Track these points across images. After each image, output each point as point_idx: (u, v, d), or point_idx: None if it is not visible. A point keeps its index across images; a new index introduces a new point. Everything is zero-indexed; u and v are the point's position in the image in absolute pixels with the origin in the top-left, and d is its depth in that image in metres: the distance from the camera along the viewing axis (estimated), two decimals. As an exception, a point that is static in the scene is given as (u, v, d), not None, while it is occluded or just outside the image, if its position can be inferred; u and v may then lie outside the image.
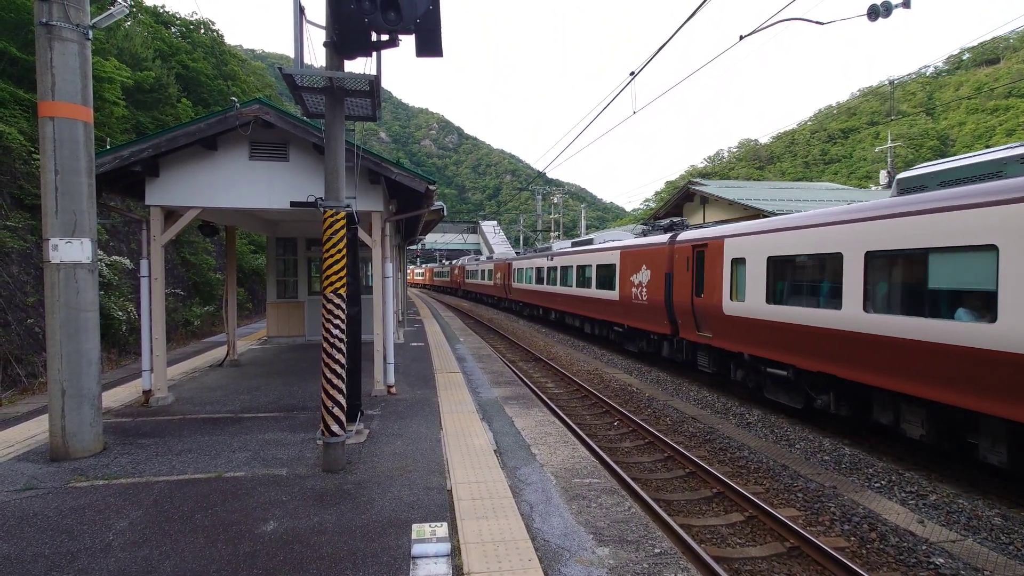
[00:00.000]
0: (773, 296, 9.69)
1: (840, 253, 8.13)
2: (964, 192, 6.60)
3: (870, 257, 7.71)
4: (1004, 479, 6.93)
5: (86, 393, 5.96)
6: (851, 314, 7.86)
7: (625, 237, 18.86)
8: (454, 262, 57.18)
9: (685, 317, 12.71)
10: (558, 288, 22.48)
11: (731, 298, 10.83)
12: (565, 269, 21.72)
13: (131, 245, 17.40)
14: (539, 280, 25.60)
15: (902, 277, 7.43)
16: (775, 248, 9.70)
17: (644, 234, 16.50)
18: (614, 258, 16.90)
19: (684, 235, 13.34)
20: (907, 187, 7.85)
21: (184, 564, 3.86)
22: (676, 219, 16.13)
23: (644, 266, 14.84)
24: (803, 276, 9.25)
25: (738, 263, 10.76)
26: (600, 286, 18.05)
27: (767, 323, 9.69)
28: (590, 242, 20.56)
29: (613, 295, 16.82)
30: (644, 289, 14.71)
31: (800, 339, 8.95)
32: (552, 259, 23.46)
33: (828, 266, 8.51)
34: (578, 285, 20.25)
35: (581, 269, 20.04)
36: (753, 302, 10.11)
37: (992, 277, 6.11)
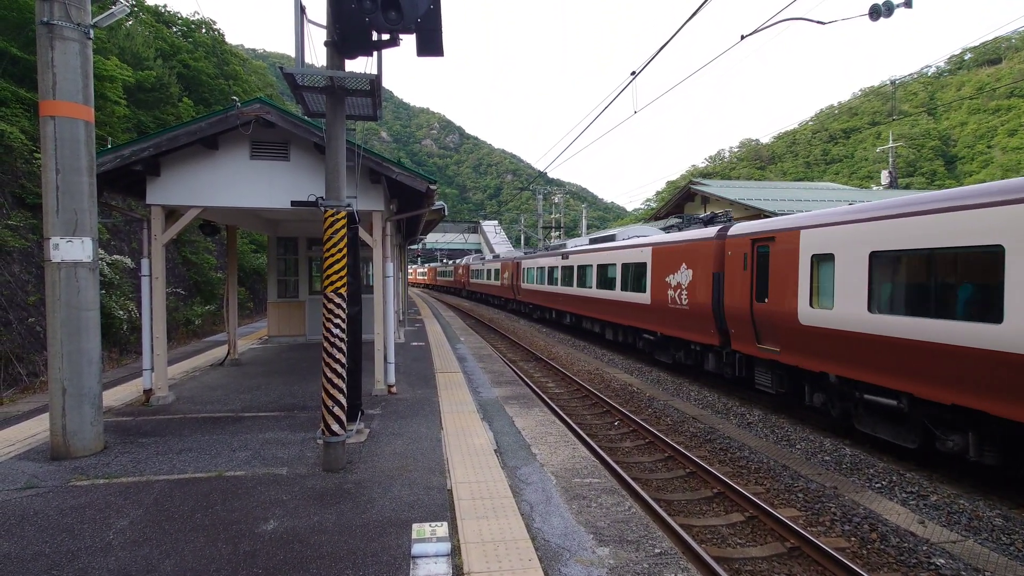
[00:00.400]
0: (879, 303, 7.69)
1: (999, 246, 6.10)
2: None
3: None
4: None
5: (87, 392, 5.97)
6: (1018, 330, 5.88)
7: (651, 232, 17.04)
8: (458, 261, 55.71)
9: (740, 326, 10.69)
10: (574, 290, 20.69)
11: (811, 304, 8.82)
12: (583, 269, 19.90)
13: (132, 244, 17.42)
14: (552, 281, 23.72)
15: None
16: (883, 240, 7.62)
17: (679, 228, 14.55)
18: (645, 256, 14.86)
19: (739, 227, 11.18)
20: None
21: (184, 563, 3.86)
22: (718, 212, 14.01)
23: (684, 265, 12.84)
24: (930, 277, 7.02)
25: (821, 260, 8.77)
26: (627, 287, 16.06)
27: (869, 337, 7.70)
28: (612, 238, 18.64)
29: (643, 298, 14.81)
30: (683, 292, 12.74)
31: (924, 360, 6.94)
32: (567, 258, 21.70)
33: (975, 264, 6.54)
34: (599, 286, 18.34)
35: (603, 268, 18.11)
36: (847, 310, 8.10)
37: None
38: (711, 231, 12.05)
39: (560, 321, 24.34)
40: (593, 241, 20.65)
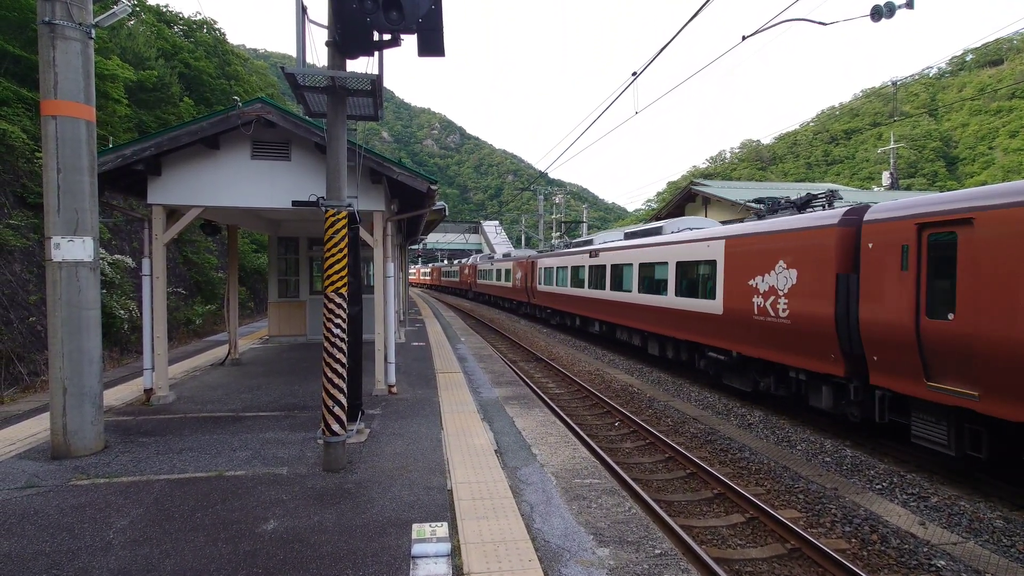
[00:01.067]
0: None
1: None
2: None
3: None
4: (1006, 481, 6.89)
5: (87, 391, 5.97)
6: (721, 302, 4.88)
7: (707, 223, 14.94)
8: (463, 261, 53.20)
9: (892, 351, 7.57)
10: (606, 293, 17.66)
11: None
12: (618, 268, 16.81)
13: (133, 244, 17.43)
14: (576, 282, 20.62)
15: None
16: None
17: (759, 215, 11.54)
18: (715, 252, 11.60)
19: (886, 209, 7.96)
20: None
21: (184, 563, 3.86)
22: (817, 194, 10.47)
23: (782, 263, 9.58)
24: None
25: None
26: (685, 292, 12.81)
27: None
28: (657, 231, 15.68)
29: (711, 306, 11.54)
30: (781, 299, 9.50)
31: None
32: (596, 255, 18.76)
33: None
34: (642, 290, 15.12)
35: (647, 268, 14.90)
36: None
37: None
38: (829, 216, 8.81)
39: (585, 329, 21.20)
40: (630, 236, 17.68)
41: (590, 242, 21.17)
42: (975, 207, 6.70)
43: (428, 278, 75.81)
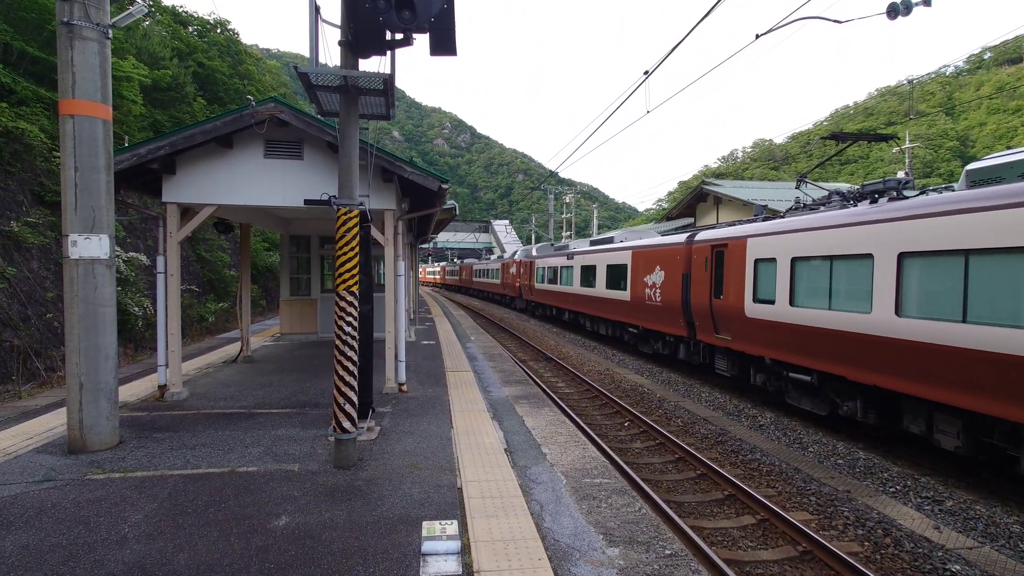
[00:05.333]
0: None
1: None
2: None
3: None
4: None
5: (103, 387, 6.05)
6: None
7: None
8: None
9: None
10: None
11: None
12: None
13: (147, 242, 17.63)
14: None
15: None
16: None
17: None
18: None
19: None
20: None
21: (198, 557, 3.90)
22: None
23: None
24: None
25: None
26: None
27: None
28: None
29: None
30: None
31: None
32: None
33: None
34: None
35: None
36: None
37: None
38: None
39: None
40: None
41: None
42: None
43: (437, 276, 76.35)
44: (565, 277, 23.00)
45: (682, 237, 13.34)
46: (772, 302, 9.93)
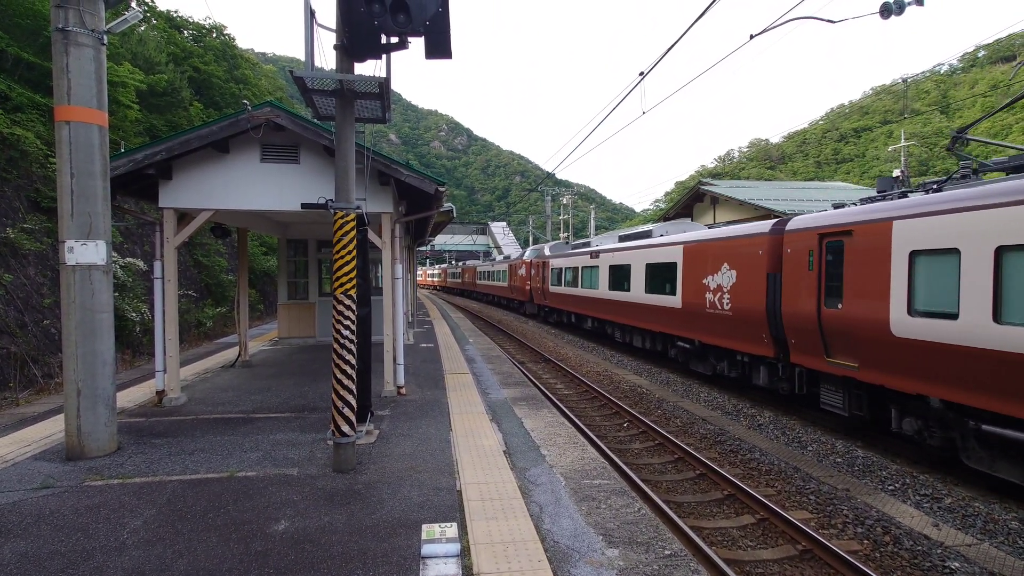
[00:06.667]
0: None
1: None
2: None
3: None
4: None
5: (101, 393, 6.04)
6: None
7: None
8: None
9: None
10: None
11: None
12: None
13: (145, 247, 17.62)
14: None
15: None
16: None
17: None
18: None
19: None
20: None
21: (197, 562, 3.90)
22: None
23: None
24: None
25: None
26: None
27: None
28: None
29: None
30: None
31: None
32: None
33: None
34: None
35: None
36: None
37: None
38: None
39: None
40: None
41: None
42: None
43: (437, 279, 76.22)
44: (588, 279, 19.90)
45: (764, 225, 10.50)
46: (951, 316, 6.67)
